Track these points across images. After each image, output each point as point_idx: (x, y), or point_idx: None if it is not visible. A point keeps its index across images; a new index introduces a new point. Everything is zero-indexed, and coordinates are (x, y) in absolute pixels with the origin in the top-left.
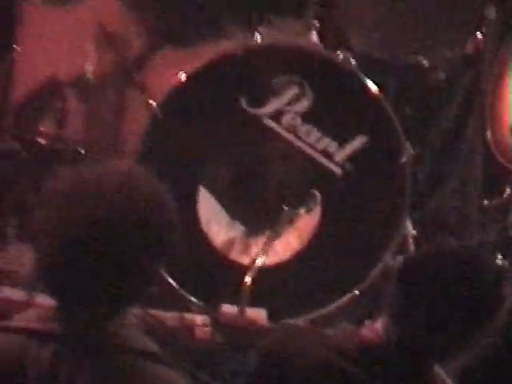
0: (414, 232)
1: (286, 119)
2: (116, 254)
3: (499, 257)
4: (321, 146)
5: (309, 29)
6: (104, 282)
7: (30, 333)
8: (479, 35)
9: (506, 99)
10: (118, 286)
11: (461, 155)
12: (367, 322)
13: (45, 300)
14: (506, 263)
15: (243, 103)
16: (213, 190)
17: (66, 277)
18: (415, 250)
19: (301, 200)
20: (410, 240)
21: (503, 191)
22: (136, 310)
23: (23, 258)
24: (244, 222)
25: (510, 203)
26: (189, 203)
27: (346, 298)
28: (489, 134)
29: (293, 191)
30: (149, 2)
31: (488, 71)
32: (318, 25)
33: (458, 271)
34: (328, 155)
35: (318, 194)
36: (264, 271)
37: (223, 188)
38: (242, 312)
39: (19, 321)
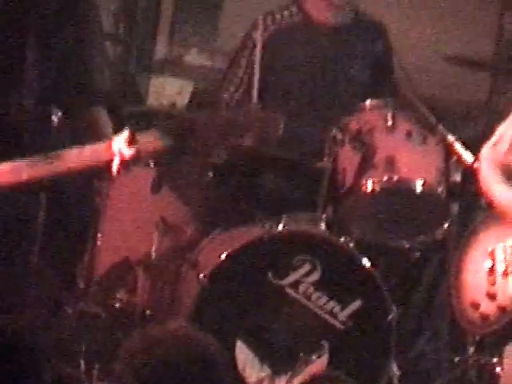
0: (398, 373)
1: (302, 288)
2: None
3: None
4: (328, 307)
5: (319, 220)
6: None
7: None
8: (445, 225)
9: (465, 278)
10: None
11: (434, 314)
12: None
13: None
14: None
15: (269, 276)
16: (247, 342)
17: None
18: None
19: (313, 349)
20: (395, 381)
21: (467, 351)
22: None
23: None
24: (270, 366)
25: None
26: (229, 352)
27: None
28: (454, 303)
29: (307, 342)
30: (199, 200)
31: (452, 253)
32: (325, 218)
33: None
34: (333, 315)
35: (326, 344)
36: None
37: (255, 340)
38: None
39: None
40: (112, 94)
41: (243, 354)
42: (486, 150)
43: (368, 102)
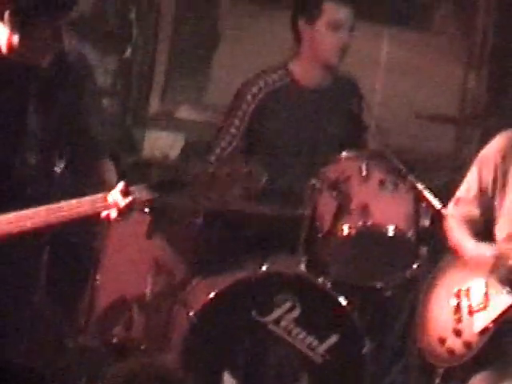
0: None
1: (283, 324)
2: None
3: None
4: (307, 342)
5: (299, 262)
6: None
7: None
8: (415, 266)
9: (432, 315)
10: None
11: (405, 347)
12: None
13: None
14: None
15: (253, 314)
16: (233, 374)
17: None
18: None
19: (294, 380)
20: None
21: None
22: None
23: None
24: None
25: None
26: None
27: None
28: (422, 338)
29: (288, 374)
30: (189, 244)
31: (421, 291)
32: (305, 260)
33: None
34: (312, 349)
35: (305, 375)
36: None
37: (241, 373)
38: None
39: None
40: (111, 145)
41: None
42: (451, 206)
43: (344, 154)
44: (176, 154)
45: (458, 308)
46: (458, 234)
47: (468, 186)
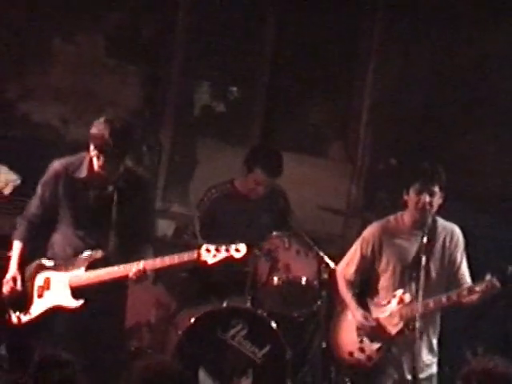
0: None
1: (237, 339)
2: None
3: None
4: (251, 350)
5: (247, 300)
6: None
7: None
8: (318, 303)
9: (342, 335)
10: None
11: (312, 355)
12: None
13: None
14: None
15: (218, 332)
16: (206, 369)
17: None
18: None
19: (243, 374)
20: None
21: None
22: None
23: None
24: (218, 382)
25: None
26: (195, 375)
27: None
28: (335, 352)
29: (240, 369)
30: (179, 289)
31: (322, 319)
32: (250, 299)
33: None
34: (255, 354)
35: (250, 371)
36: None
37: (210, 368)
38: None
39: None
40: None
41: (204, 376)
42: (340, 267)
43: (274, 233)
44: (171, 233)
45: (359, 330)
46: (343, 287)
47: (353, 255)
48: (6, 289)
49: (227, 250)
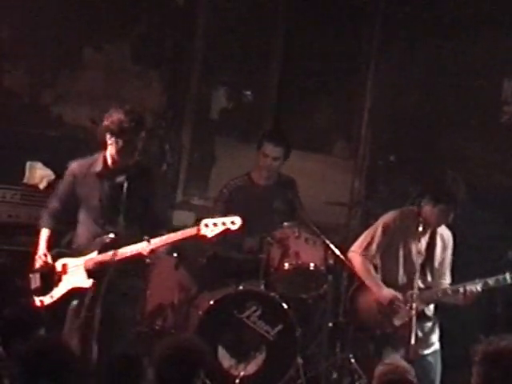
0: (301, 361)
1: (252, 319)
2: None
3: None
4: (265, 328)
5: (260, 284)
6: None
7: None
8: (325, 286)
9: (360, 306)
10: None
11: (318, 332)
12: None
13: None
14: None
15: (235, 312)
16: (224, 347)
17: None
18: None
19: (257, 349)
20: (300, 366)
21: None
22: None
23: None
24: (236, 358)
25: None
26: (215, 351)
27: None
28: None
29: (254, 346)
30: (200, 273)
31: (330, 301)
32: (263, 282)
33: None
34: (268, 332)
35: (264, 347)
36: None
37: (229, 346)
38: None
39: None
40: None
41: (222, 352)
42: (357, 247)
43: (285, 223)
44: (191, 224)
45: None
46: (365, 268)
47: (373, 234)
48: (39, 263)
49: (224, 224)
